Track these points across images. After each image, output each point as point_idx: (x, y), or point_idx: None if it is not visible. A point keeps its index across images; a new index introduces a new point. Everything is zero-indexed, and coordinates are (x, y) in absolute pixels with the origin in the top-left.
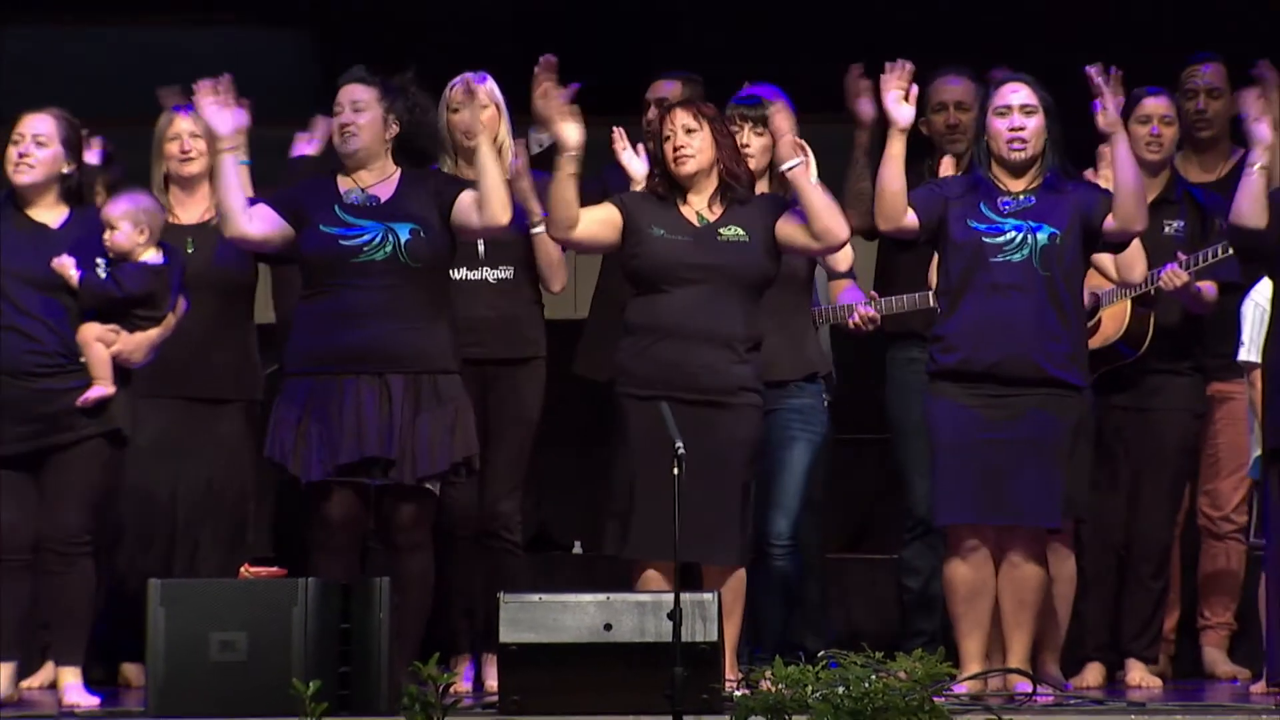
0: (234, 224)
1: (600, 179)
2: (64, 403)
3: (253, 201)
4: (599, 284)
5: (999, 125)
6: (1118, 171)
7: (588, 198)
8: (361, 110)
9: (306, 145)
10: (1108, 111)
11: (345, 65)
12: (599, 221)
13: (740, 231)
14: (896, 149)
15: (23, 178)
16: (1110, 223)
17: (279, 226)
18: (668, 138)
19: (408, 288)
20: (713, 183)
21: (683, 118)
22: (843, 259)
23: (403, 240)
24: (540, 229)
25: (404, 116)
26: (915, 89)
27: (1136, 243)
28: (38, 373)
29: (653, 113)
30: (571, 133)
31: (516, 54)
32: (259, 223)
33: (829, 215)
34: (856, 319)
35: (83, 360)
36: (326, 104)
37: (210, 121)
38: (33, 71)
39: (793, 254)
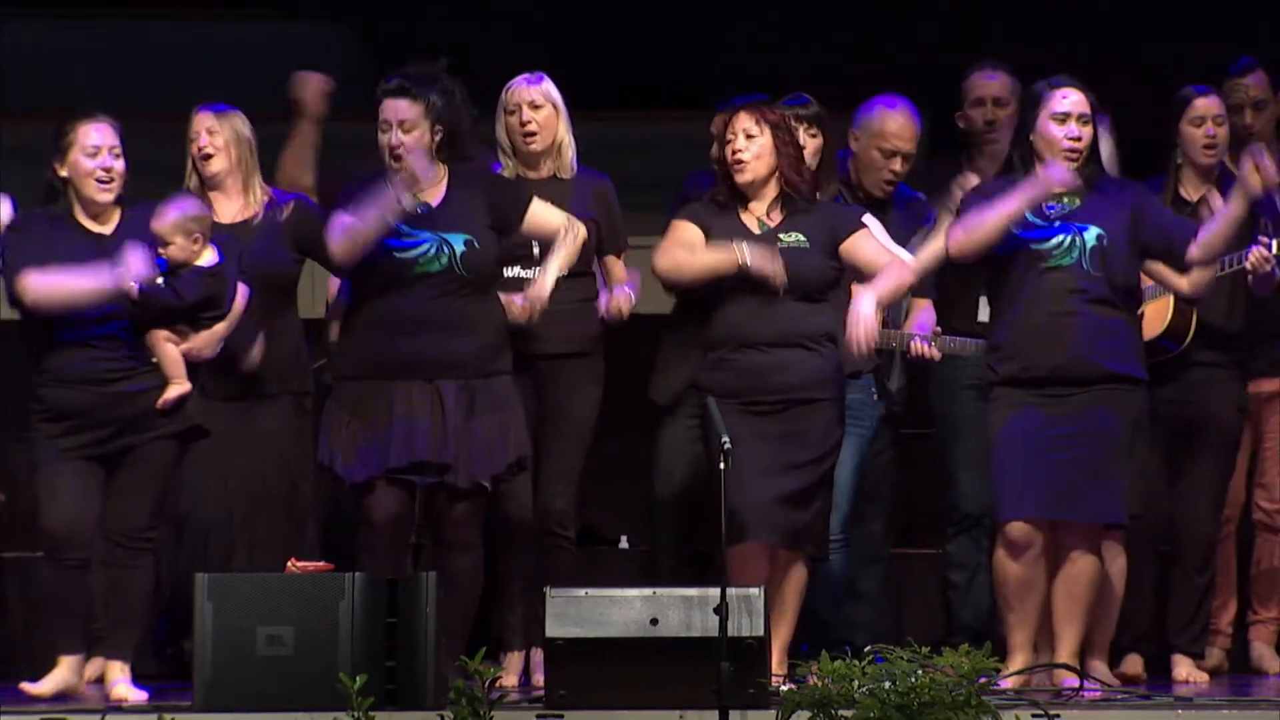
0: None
1: (683, 192)
2: (140, 405)
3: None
4: (674, 310)
5: (1056, 132)
6: (1226, 225)
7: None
8: (409, 130)
9: None
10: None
11: (392, 60)
12: (691, 247)
13: (801, 237)
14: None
15: (104, 196)
16: (1193, 252)
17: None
18: (729, 142)
19: (461, 296)
20: (773, 190)
21: (745, 122)
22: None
23: (458, 252)
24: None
25: (446, 119)
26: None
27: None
28: (111, 378)
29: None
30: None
31: (565, 49)
32: (342, 240)
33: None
34: (913, 352)
35: (154, 361)
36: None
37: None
38: (80, 66)
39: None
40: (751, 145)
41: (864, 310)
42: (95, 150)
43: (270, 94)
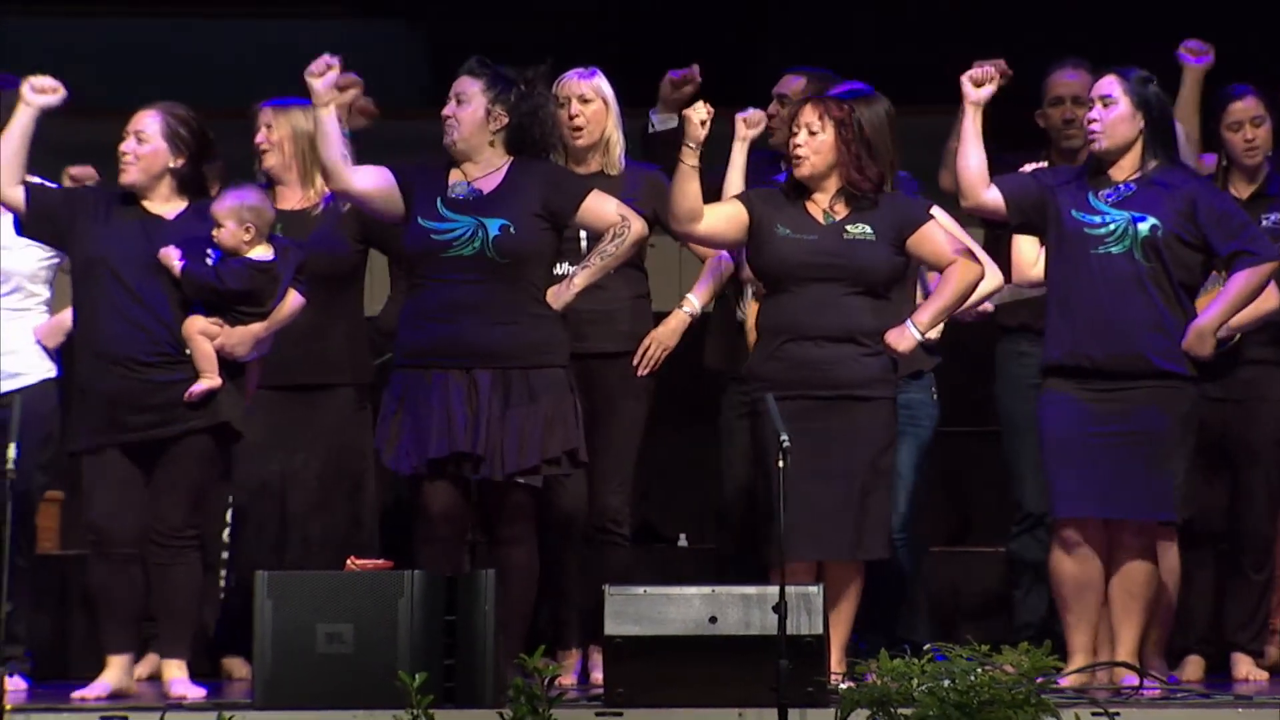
0: (337, 177)
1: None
2: (172, 395)
3: None
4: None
5: (1084, 117)
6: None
7: (707, 191)
8: (464, 102)
9: None
10: None
11: (452, 57)
12: (725, 218)
13: (867, 229)
14: (969, 125)
15: (124, 176)
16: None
17: (386, 185)
18: (793, 134)
19: (497, 283)
20: (836, 183)
21: (809, 116)
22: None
23: (491, 236)
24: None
25: (514, 108)
26: (991, 70)
27: None
28: (148, 362)
29: (774, 107)
30: (697, 122)
31: (623, 45)
32: (366, 177)
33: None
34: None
35: (188, 353)
36: (434, 96)
37: (311, 84)
38: (146, 62)
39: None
40: (814, 140)
41: (911, 335)
42: (125, 135)
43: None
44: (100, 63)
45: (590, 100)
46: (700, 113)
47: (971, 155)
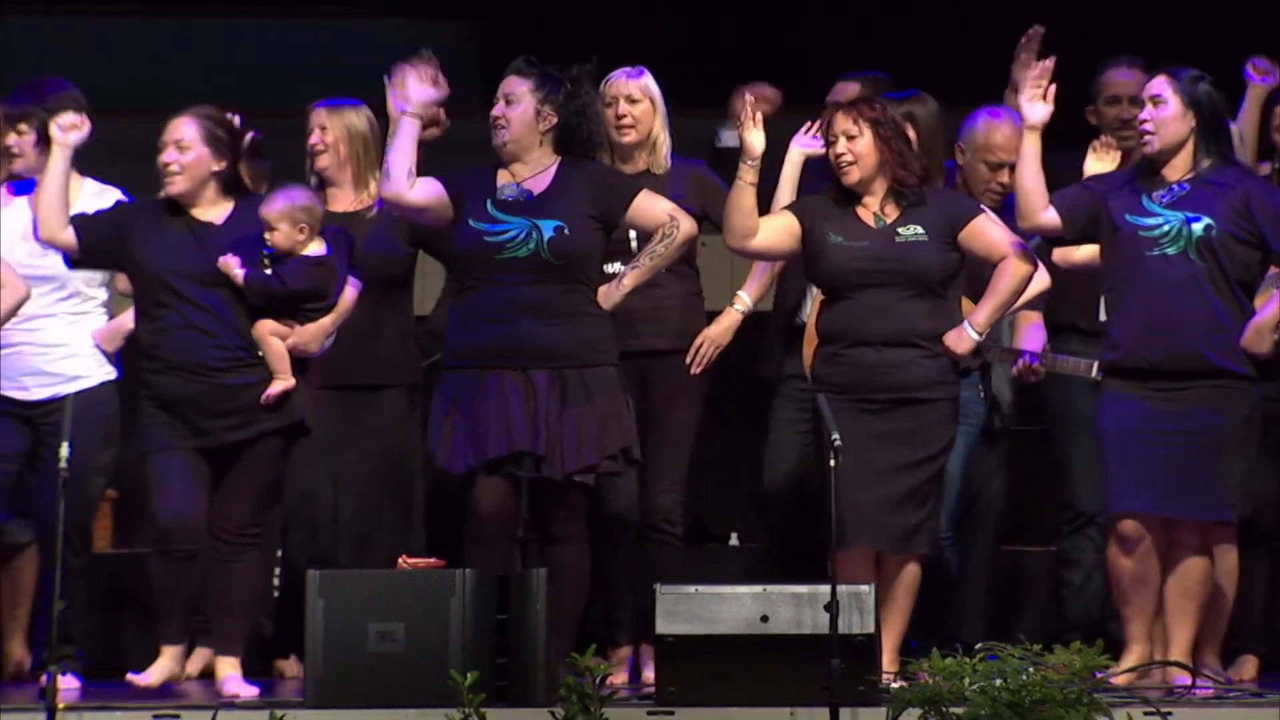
0: (394, 184)
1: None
2: (247, 397)
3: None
4: (779, 288)
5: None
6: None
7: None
8: (513, 103)
9: None
10: None
11: (504, 57)
12: (777, 230)
13: (919, 230)
14: (1029, 147)
15: (171, 188)
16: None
17: (438, 197)
18: (831, 144)
19: (551, 283)
20: (884, 184)
21: (843, 123)
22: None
23: (546, 238)
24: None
25: (563, 107)
26: (1053, 87)
27: None
28: (220, 368)
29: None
30: (755, 140)
31: (675, 44)
32: (420, 190)
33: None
34: (1018, 371)
35: (261, 355)
36: (484, 96)
37: (408, 84)
38: (194, 63)
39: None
40: (854, 146)
41: (969, 336)
42: (163, 145)
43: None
44: (150, 63)
45: (638, 100)
46: (756, 134)
47: (1029, 177)
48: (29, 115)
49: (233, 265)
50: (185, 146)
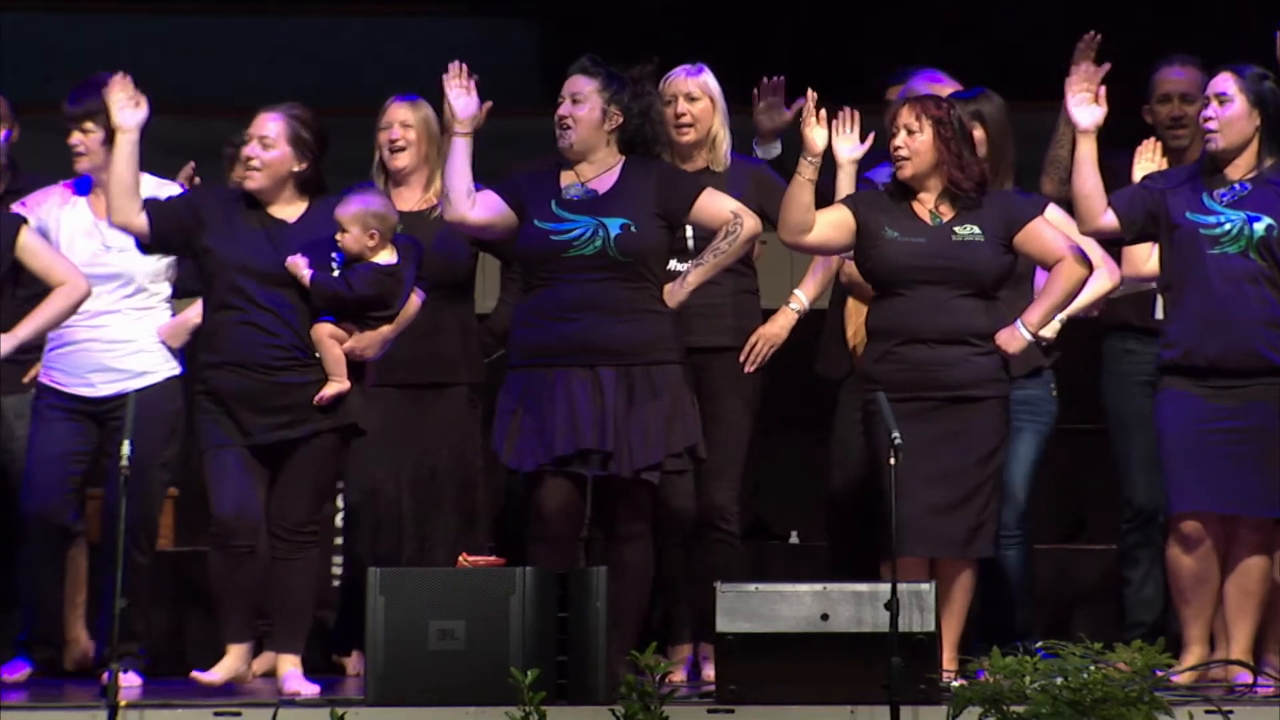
0: (456, 206)
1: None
2: (301, 396)
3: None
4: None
5: (1199, 115)
6: None
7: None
8: (579, 103)
9: None
10: None
11: (573, 55)
12: (832, 225)
13: (975, 230)
14: (1084, 151)
15: (250, 183)
16: None
17: (501, 212)
18: (893, 135)
19: (618, 281)
20: (939, 183)
21: (906, 117)
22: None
23: (612, 235)
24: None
25: (629, 108)
26: (1103, 89)
27: None
28: (275, 366)
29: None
30: (816, 137)
31: (740, 41)
32: (482, 208)
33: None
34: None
35: (318, 355)
36: (549, 94)
37: (450, 102)
38: (271, 61)
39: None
40: (912, 141)
41: (1021, 335)
42: (248, 138)
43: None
44: (214, 61)
45: (698, 98)
46: (819, 131)
47: (1087, 181)
48: (95, 113)
49: (300, 266)
50: (269, 143)
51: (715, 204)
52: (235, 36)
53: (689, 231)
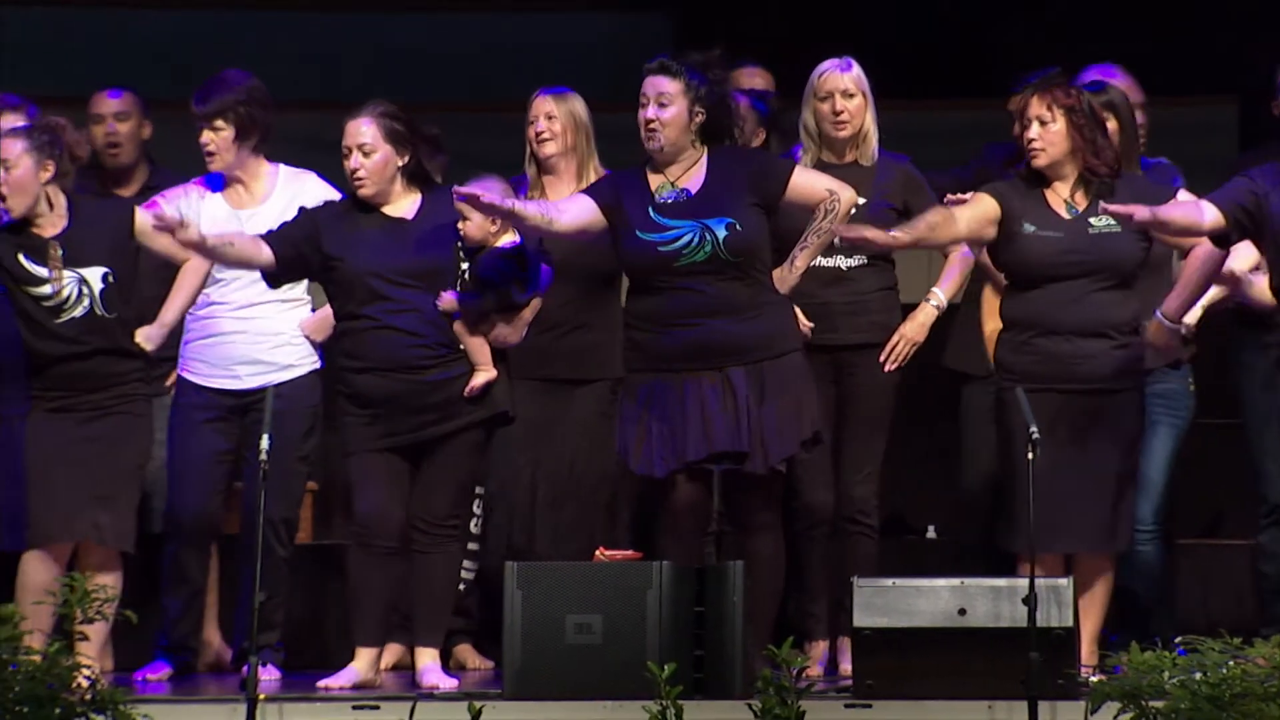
0: (548, 230)
1: (980, 159)
2: (449, 392)
3: None
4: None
5: None
6: None
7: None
8: (665, 105)
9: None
10: None
11: (704, 47)
12: (978, 219)
13: (1111, 221)
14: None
15: (362, 191)
16: None
17: (591, 217)
18: (1025, 128)
19: (733, 280)
20: (1074, 171)
21: (1037, 109)
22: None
23: (720, 238)
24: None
25: (710, 102)
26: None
27: None
28: (422, 365)
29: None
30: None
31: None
32: (571, 213)
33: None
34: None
35: (462, 348)
36: None
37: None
38: (399, 59)
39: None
40: (1045, 132)
41: (1165, 327)
42: (347, 151)
43: (585, 82)
44: (354, 59)
45: (853, 94)
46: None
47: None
48: (224, 111)
49: (449, 302)
50: (369, 150)
51: (810, 182)
52: (369, 35)
53: None
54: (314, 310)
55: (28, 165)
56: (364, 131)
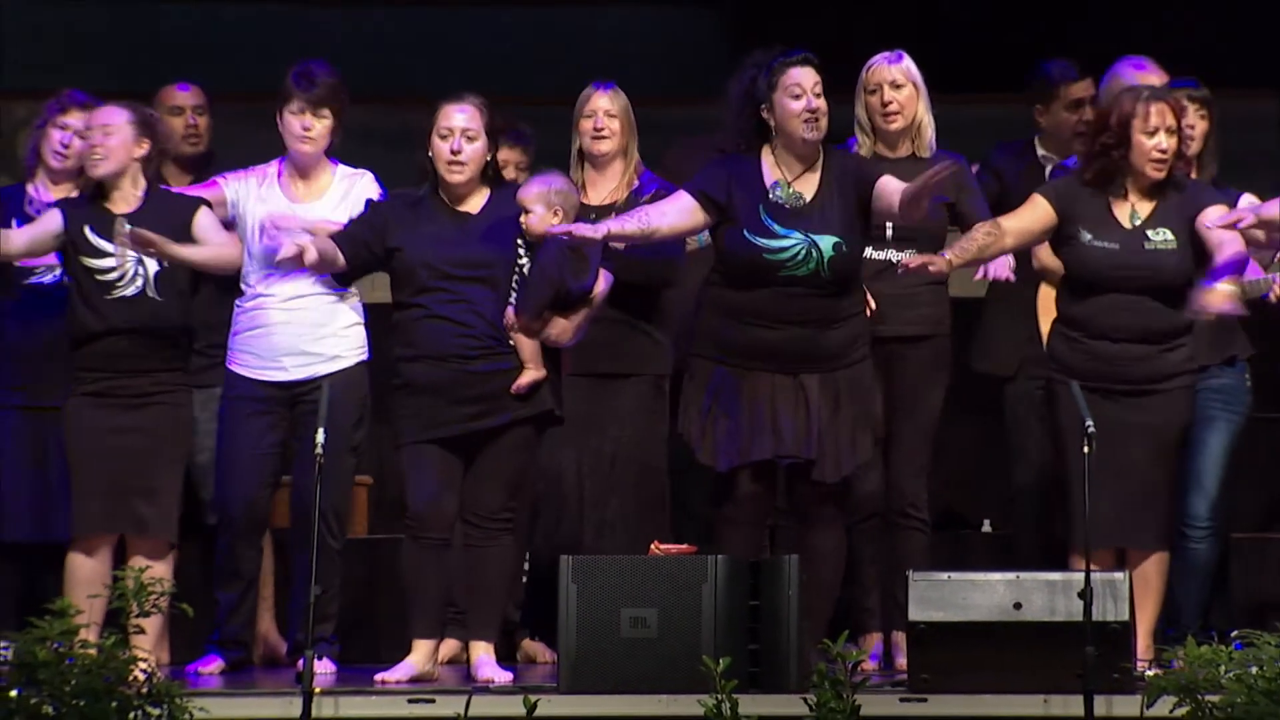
0: (655, 236)
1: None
2: (497, 385)
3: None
4: (991, 283)
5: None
6: None
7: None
8: (821, 96)
9: None
10: None
11: (755, 43)
12: (1033, 223)
13: (1169, 235)
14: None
15: (455, 177)
16: None
17: (691, 217)
18: (1151, 134)
19: (827, 296)
20: (1148, 180)
21: (1166, 118)
22: None
23: (827, 258)
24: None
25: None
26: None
27: None
28: (469, 355)
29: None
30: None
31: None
32: (671, 216)
33: None
34: (1276, 293)
35: (512, 344)
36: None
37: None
38: (451, 51)
39: None
40: (1173, 142)
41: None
42: (448, 132)
43: (633, 77)
44: (397, 51)
45: (902, 85)
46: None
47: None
48: (334, 98)
49: (510, 320)
50: (473, 135)
51: (893, 187)
52: (426, 27)
53: (888, 225)
54: (362, 302)
55: (126, 136)
56: (472, 117)
